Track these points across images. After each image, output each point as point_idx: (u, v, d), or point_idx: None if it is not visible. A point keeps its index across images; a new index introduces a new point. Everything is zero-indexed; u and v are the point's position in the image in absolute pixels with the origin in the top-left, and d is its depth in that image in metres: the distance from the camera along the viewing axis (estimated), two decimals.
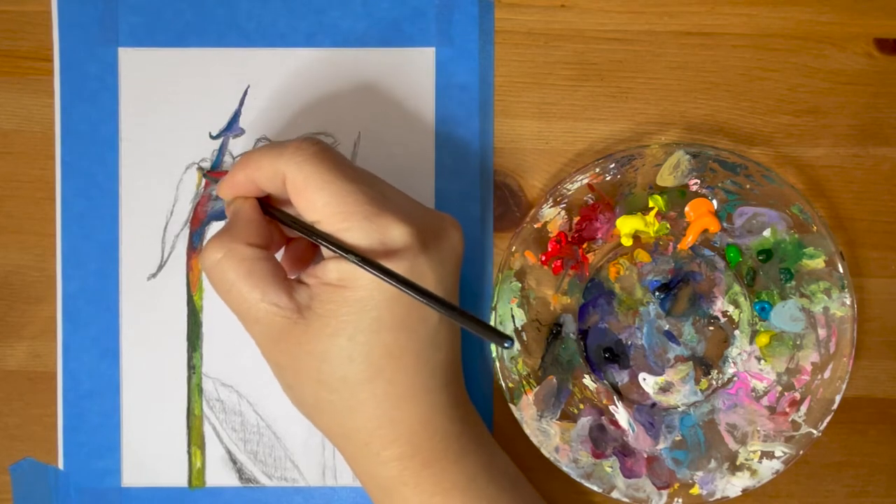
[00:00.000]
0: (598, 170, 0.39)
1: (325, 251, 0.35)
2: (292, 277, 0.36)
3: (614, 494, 0.39)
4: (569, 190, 0.39)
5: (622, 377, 0.41)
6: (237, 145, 0.41)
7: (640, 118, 0.41)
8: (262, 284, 0.34)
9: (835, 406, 0.39)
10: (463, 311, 0.32)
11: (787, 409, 0.39)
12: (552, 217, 0.40)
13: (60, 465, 0.41)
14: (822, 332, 0.39)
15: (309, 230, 0.35)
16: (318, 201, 0.34)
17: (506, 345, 0.31)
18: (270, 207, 0.37)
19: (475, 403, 0.41)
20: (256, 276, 0.34)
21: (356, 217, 0.34)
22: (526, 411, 0.39)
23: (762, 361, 0.41)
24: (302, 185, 0.34)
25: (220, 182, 0.37)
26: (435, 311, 0.35)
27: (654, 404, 0.41)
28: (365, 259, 0.33)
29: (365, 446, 0.35)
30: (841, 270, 0.39)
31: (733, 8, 0.41)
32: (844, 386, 0.39)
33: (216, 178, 0.39)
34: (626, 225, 0.40)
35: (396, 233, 0.34)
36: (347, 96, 0.41)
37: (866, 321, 0.42)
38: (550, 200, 0.39)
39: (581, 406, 0.40)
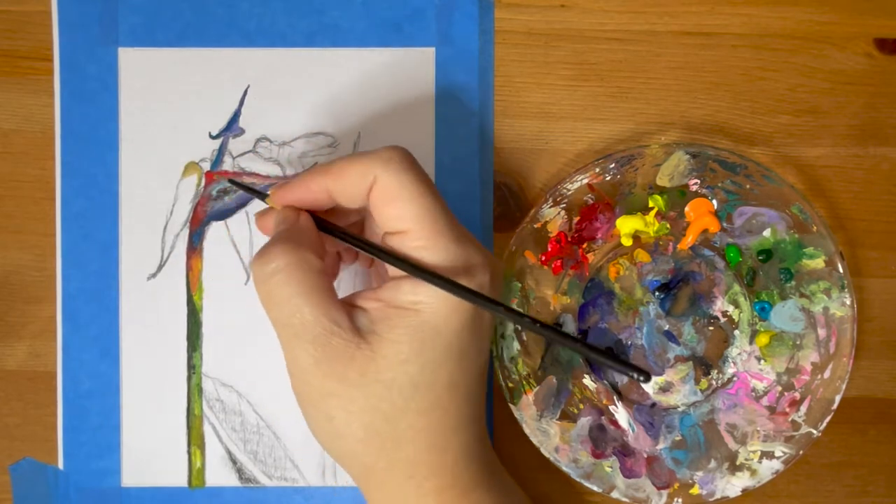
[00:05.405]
0: (598, 170, 0.39)
1: (391, 271, 0.34)
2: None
3: (614, 494, 0.39)
4: (569, 190, 0.39)
5: (622, 377, 0.41)
6: (237, 145, 0.41)
7: (640, 118, 0.41)
8: (326, 302, 0.32)
9: (835, 406, 0.39)
10: (584, 341, 0.30)
11: (787, 409, 0.39)
12: (552, 217, 0.40)
13: (60, 465, 0.41)
14: (821, 332, 0.39)
15: (379, 249, 0.33)
16: (408, 213, 0.32)
17: (641, 378, 0.30)
18: (328, 223, 0.34)
19: None
20: (320, 292, 0.32)
21: (444, 237, 0.32)
22: (526, 411, 0.39)
23: (762, 361, 0.41)
24: (396, 194, 0.32)
25: (278, 187, 0.34)
26: (488, 342, 0.35)
27: (654, 404, 0.41)
28: (450, 281, 0.31)
29: (408, 478, 0.33)
30: (841, 270, 0.39)
31: (733, 8, 0.41)
32: (844, 386, 0.39)
33: (235, 180, 0.37)
34: (626, 225, 0.40)
35: (478, 261, 0.33)
36: (347, 96, 0.41)
37: (866, 321, 0.42)
38: (550, 200, 0.39)
39: (581, 406, 0.40)
